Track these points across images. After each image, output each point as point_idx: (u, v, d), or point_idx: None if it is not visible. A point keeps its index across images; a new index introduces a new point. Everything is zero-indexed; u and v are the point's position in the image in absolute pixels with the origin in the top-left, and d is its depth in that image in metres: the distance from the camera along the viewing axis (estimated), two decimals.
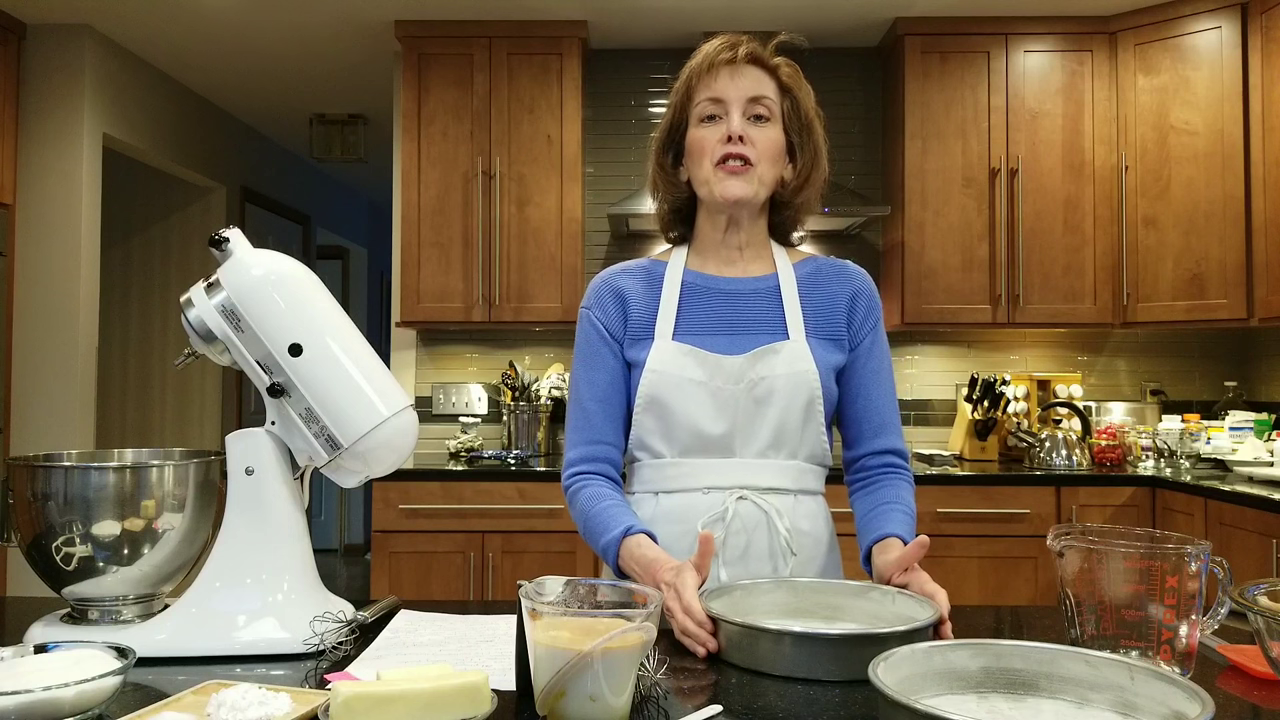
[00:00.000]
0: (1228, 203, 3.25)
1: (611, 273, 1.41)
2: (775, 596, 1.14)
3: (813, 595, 1.14)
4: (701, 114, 1.32)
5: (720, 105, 1.31)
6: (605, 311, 1.37)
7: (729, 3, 3.39)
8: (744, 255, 1.38)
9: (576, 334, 1.40)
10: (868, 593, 1.12)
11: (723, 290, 1.36)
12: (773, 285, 1.36)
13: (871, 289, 1.40)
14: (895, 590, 1.10)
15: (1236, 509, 2.66)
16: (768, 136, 1.31)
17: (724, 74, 1.31)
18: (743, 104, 1.30)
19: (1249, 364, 3.73)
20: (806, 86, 1.36)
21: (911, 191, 3.49)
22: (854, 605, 1.12)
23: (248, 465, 1.11)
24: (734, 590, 1.12)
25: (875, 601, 1.11)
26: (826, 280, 1.38)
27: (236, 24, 3.62)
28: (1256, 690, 0.93)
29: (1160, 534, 0.93)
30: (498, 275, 3.49)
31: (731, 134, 1.29)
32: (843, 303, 1.37)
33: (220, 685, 0.88)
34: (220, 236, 1.12)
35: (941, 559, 3.09)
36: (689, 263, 1.40)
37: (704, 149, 1.31)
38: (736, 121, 1.29)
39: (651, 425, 1.32)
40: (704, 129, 1.32)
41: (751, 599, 1.12)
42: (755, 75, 1.32)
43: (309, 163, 5.75)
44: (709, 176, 1.31)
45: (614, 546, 1.24)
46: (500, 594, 3.11)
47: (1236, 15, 3.25)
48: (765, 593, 1.14)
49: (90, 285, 3.66)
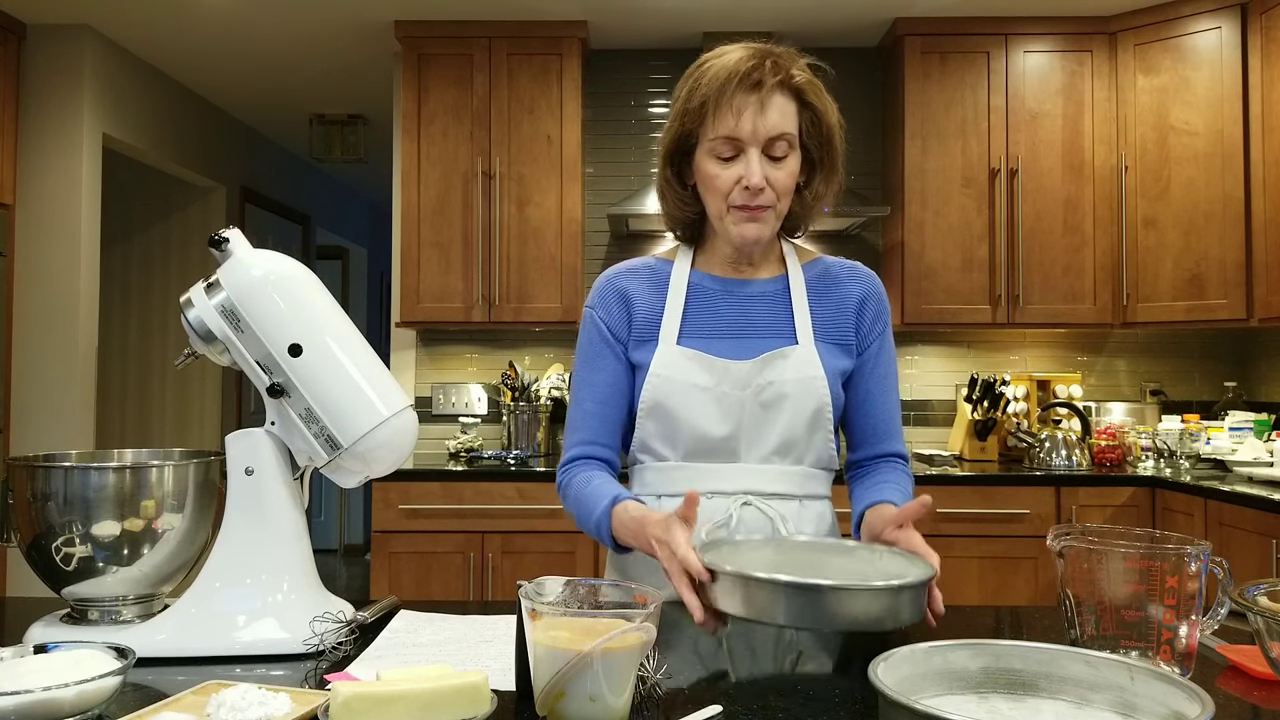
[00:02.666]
0: (1227, 203, 3.25)
1: (617, 272, 1.38)
2: (762, 554, 1.11)
3: (798, 554, 1.11)
4: (716, 151, 1.24)
5: (737, 145, 1.23)
6: (609, 312, 1.35)
7: (729, 3, 3.39)
8: (753, 258, 1.36)
9: (580, 332, 1.39)
10: (854, 551, 1.10)
11: (730, 292, 1.34)
12: (782, 288, 1.34)
13: (881, 292, 1.38)
14: (884, 548, 1.07)
15: (1236, 509, 2.66)
16: (787, 171, 1.25)
17: (744, 108, 1.21)
18: (762, 143, 1.22)
19: (1249, 364, 3.74)
20: (829, 100, 1.29)
21: (911, 191, 3.49)
22: (838, 563, 1.09)
23: (247, 465, 1.11)
24: (721, 546, 1.10)
25: (862, 560, 1.08)
26: (836, 283, 1.36)
27: (236, 24, 3.62)
28: (1256, 690, 0.93)
29: (1160, 534, 0.93)
30: (498, 275, 3.49)
31: (752, 185, 1.22)
32: (852, 306, 1.35)
33: (220, 685, 0.88)
34: (220, 237, 1.12)
35: (941, 559, 3.08)
36: (696, 263, 1.37)
37: (718, 188, 1.25)
38: (756, 169, 1.22)
39: (654, 430, 1.31)
40: (719, 166, 1.24)
41: (739, 555, 1.10)
42: (778, 106, 1.23)
43: (309, 163, 5.75)
44: (723, 215, 1.27)
45: (605, 521, 1.22)
46: (500, 594, 3.11)
47: (1236, 15, 3.25)
48: (753, 549, 1.11)
49: (90, 285, 3.66)
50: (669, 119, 1.31)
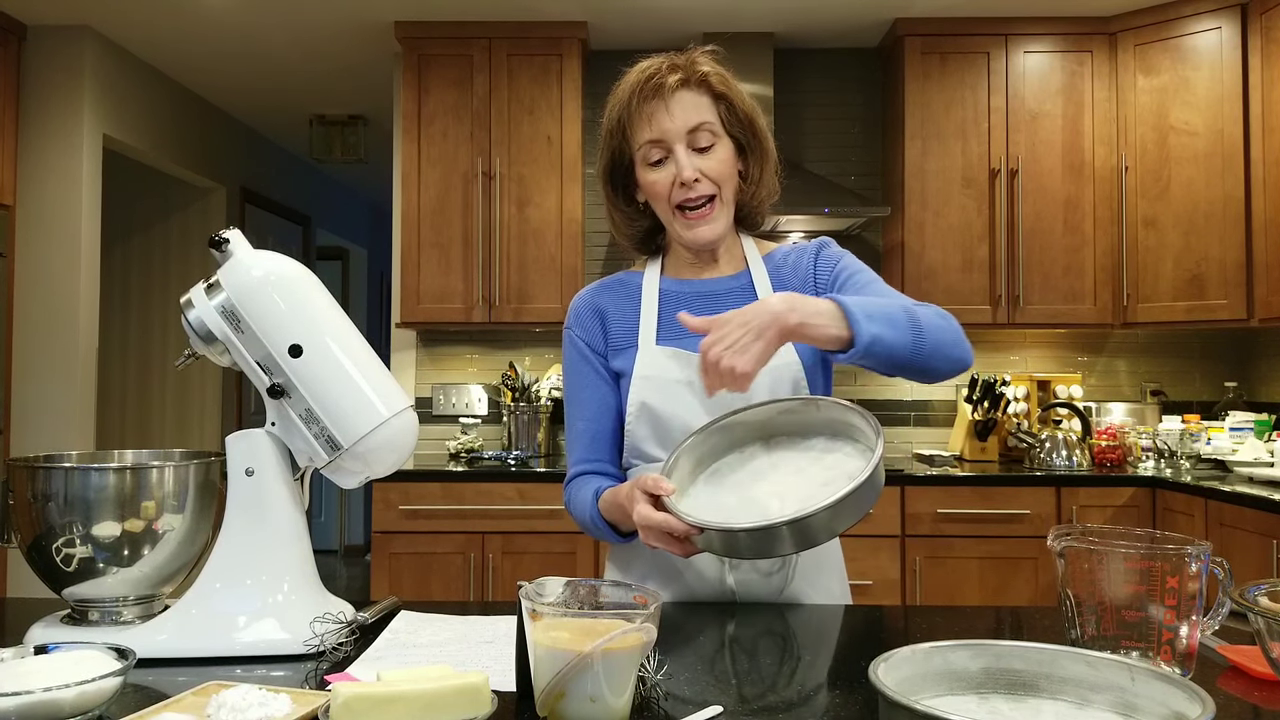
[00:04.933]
0: (1228, 203, 3.25)
1: (589, 291, 1.42)
2: (718, 468, 1.21)
3: (748, 459, 1.21)
4: (646, 158, 1.29)
5: (662, 145, 1.28)
6: (585, 329, 1.39)
7: (729, 3, 3.39)
8: (717, 258, 1.39)
9: (563, 353, 1.42)
10: (796, 411, 1.19)
11: (699, 293, 1.37)
12: (746, 282, 1.37)
13: (831, 246, 1.38)
14: (820, 398, 1.17)
15: (1236, 509, 2.66)
16: (719, 159, 1.29)
17: (655, 111, 1.27)
18: (684, 138, 1.27)
19: (1249, 364, 3.73)
20: (736, 84, 1.32)
21: (911, 192, 3.49)
22: (787, 461, 1.18)
23: (248, 466, 1.11)
24: (680, 461, 1.18)
25: (799, 414, 1.19)
26: (791, 264, 1.38)
27: (236, 25, 3.62)
28: (1257, 691, 0.93)
29: (1160, 534, 0.93)
30: (498, 276, 3.49)
31: (684, 179, 1.26)
32: (808, 275, 1.36)
33: (220, 686, 0.88)
34: (220, 237, 1.12)
35: (942, 559, 3.09)
36: (664, 270, 1.41)
37: (659, 193, 1.30)
38: (685, 162, 1.26)
39: (644, 433, 1.32)
40: (654, 172, 1.29)
41: (699, 477, 1.20)
42: (687, 100, 1.27)
43: (309, 163, 5.75)
44: (672, 220, 1.31)
45: (598, 516, 1.28)
46: (500, 595, 3.11)
47: (1236, 16, 3.25)
48: (709, 453, 1.22)
49: (90, 286, 3.66)
50: (599, 149, 1.37)
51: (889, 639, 1.12)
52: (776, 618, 1.20)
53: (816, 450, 1.17)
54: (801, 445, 1.19)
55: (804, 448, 1.18)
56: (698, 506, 1.13)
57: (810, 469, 1.14)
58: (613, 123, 1.33)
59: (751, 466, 1.19)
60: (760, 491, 1.14)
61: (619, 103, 1.31)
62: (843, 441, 1.17)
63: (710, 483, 1.19)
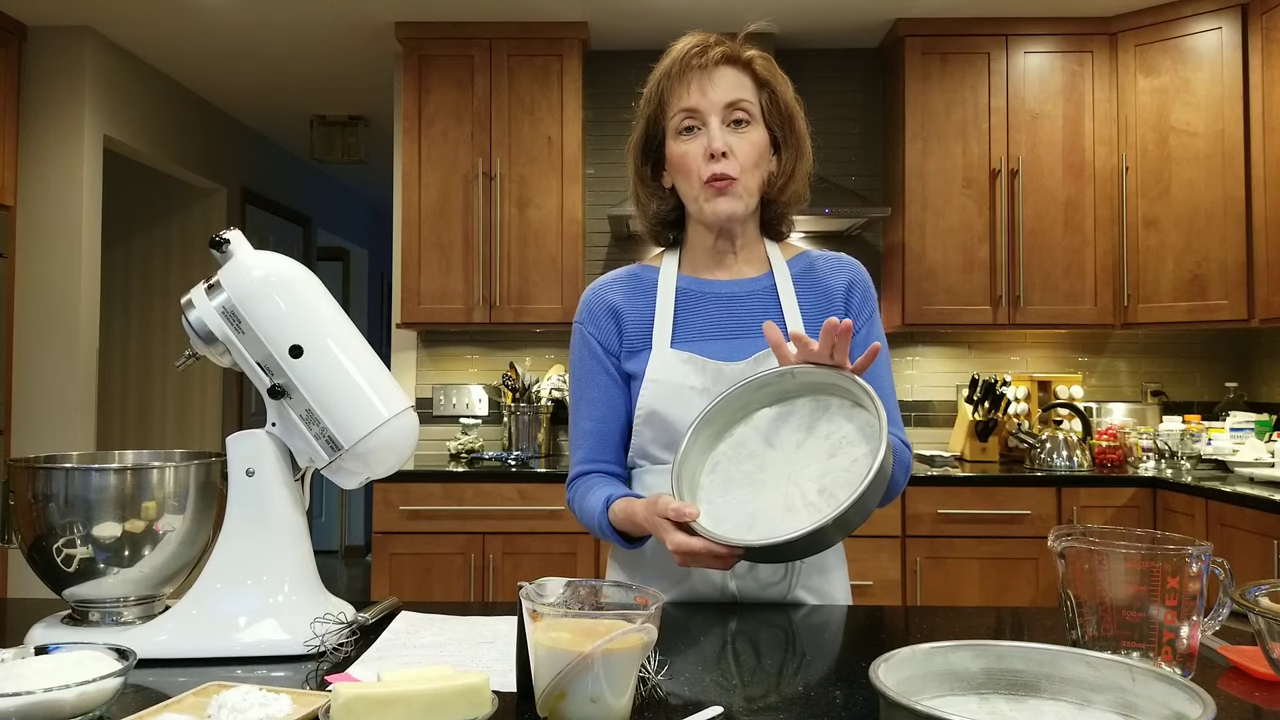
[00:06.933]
0: (1228, 203, 3.25)
1: (603, 284, 1.38)
2: (734, 476, 1.17)
3: (765, 466, 1.17)
4: (678, 126, 1.28)
5: (697, 116, 1.27)
6: (599, 326, 1.35)
7: (729, 4, 3.39)
8: (737, 257, 1.35)
9: (571, 347, 1.39)
10: (771, 383, 1.17)
11: (718, 294, 1.34)
12: (768, 285, 1.34)
13: (866, 278, 1.38)
14: (794, 367, 1.13)
15: (1237, 510, 2.66)
16: (750, 141, 1.27)
17: (696, 80, 1.27)
18: (720, 111, 1.26)
19: (1249, 365, 3.73)
20: (783, 76, 1.33)
21: (912, 192, 3.49)
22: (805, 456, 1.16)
23: (248, 467, 1.11)
24: (686, 469, 1.16)
25: (775, 385, 1.17)
26: (821, 274, 1.36)
27: (237, 25, 3.62)
28: (1258, 691, 0.92)
29: (1161, 535, 0.93)
30: (498, 276, 3.49)
31: (714, 151, 1.24)
32: (839, 295, 1.34)
33: (221, 687, 0.88)
34: (221, 238, 1.12)
35: (943, 560, 3.09)
36: (682, 267, 1.38)
37: (688, 165, 1.27)
38: (717, 134, 1.25)
39: (651, 436, 1.30)
40: (684, 142, 1.28)
41: (713, 490, 1.17)
42: (730, 76, 1.27)
43: (309, 164, 5.75)
44: (697, 194, 1.28)
45: (606, 524, 1.26)
46: (501, 595, 3.11)
47: (1237, 16, 3.25)
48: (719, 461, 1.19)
49: (91, 286, 3.66)
50: (635, 120, 1.37)
51: (890, 639, 1.12)
52: (777, 618, 1.20)
53: (805, 417, 1.17)
54: (790, 417, 1.18)
55: (793, 420, 1.17)
56: (717, 515, 1.13)
57: (809, 441, 1.14)
58: (651, 89, 1.32)
59: (748, 450, 1.18)
60: (770, 476, 1.14)
61: (661, 71, 1.31)
62: (826, 399, 1.16)
63: (716, 480, 1.18)
